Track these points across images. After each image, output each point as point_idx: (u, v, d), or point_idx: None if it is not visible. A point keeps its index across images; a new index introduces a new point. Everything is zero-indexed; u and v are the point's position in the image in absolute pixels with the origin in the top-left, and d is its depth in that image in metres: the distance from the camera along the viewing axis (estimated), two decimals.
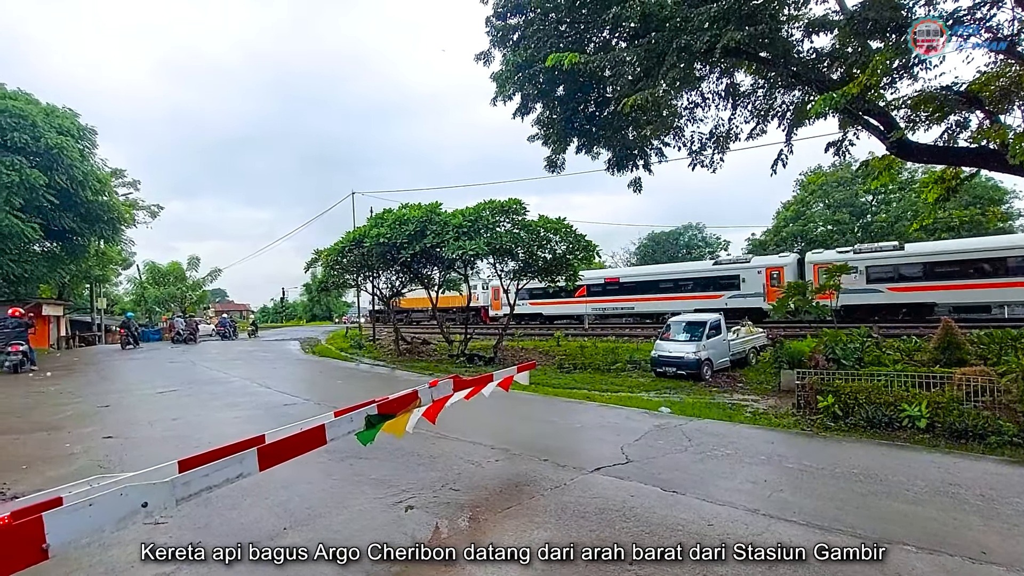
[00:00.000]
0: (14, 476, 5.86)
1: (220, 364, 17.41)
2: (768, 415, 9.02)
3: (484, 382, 5.21)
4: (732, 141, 11.95)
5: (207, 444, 5.05)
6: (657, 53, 9.32)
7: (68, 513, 2.19)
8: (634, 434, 7.11)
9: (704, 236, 56.87)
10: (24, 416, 9.30)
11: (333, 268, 20.85)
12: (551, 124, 12.57)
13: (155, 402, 10.56)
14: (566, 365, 15.85)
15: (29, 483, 5.52)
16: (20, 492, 5.10)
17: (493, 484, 5.19)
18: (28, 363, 16.47)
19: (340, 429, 3.53)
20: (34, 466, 6.26)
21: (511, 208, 16.37)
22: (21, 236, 21.58)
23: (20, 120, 21.22)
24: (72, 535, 2.17)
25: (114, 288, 52.69)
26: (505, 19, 11.72)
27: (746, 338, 15.50)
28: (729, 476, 5.38)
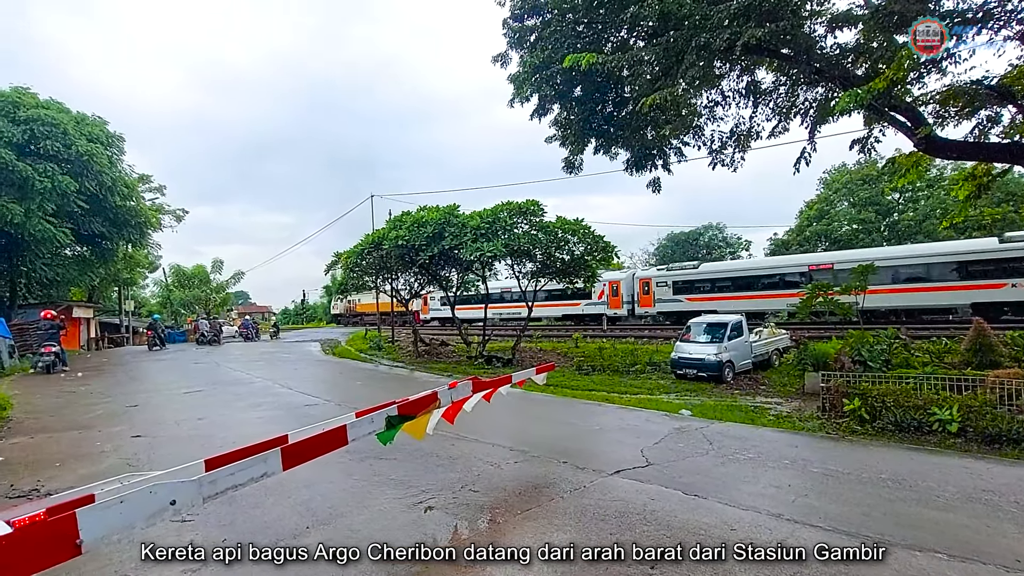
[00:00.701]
0: (48, 473, 6.04)
1: (243, 365, 17.73)
2: (792, 418, 8.86)
3: (503, 384, 5.21)
4: (753, 139, 11.79)
5: (231, 443, 5.14)
6: (676, 52, 9.24)
7: (100, 510, 2.24)
8: (654, 437, 7.04)
9: (725, 236, 56.05)
10: (57, 415, 9.58)
11: (352, 270, 21.06)
12: (569, 125, 12.54)
13: (181, 402, 10.80)
14: (585, 367, 15.76)
15: (62, 480, 5.69)
16: (54, 489, 5.26)
17: (512, 486, 5.19)
18: (60, 364, 16.98)
19: (361, 430, 3.56)
20: (67, 464, 6.45)
21: (529, 209, 16.35)
22: (53, 241, 22.26)
23: (52, 128, 21.90)
24: (104, 531, 2.22)
25: (141, 291, 54.05)
26: (522, 20, 11.74)
27: (769, 340, 15.24)
28: (752, 480, 5.30)
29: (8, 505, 4.89)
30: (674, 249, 56.21)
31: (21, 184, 20.67)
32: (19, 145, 21.15)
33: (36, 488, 5.51)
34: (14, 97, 22.36)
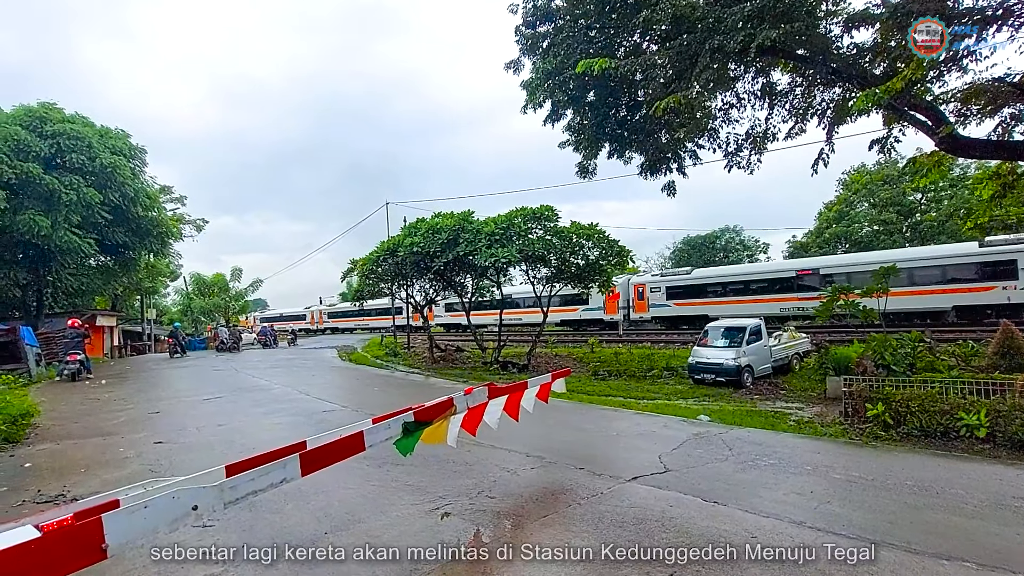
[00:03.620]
0: (74, 479, 6.17)
1: (262, 372, 17.95)
2: (813, 424, 8.70)
3: (519, 389, 5.21)
4: (769, 141, 11.68)
5: (251, 449, 5.20)
6: (689, 55, 9.20)
7: (125, 515, 2.29)
8: (672, 443, 6.97)
9: (742, 239, 55.42)
10: (81, 422, 9.79)
11: (368, 277, 21.25)
12: (582, 130, 12.54)
13: (202, 408, 10.96)
14: (601, 372, 15.68)
15: (87, 486, 5.80)
16: (79, 494, 5.37)
17: (529, 492, 5.17)
18: (85, 371, 17.34)
19: (378, 436, 3.58)
20: (91, 469, 6.58)
21: (543, 215, 16.37)
22: (79, 251, 22.83)
23: (77, 142, 22.52)
24: (129, 536, 2.27)
25: (163, 299, 55.15)
26: (534, 27, 11.80)
27: (789, 344, 15.02)
28: (773, 487, 5.21)
29: (36, 510, 5.00)
30: (690, 252, 55.71)
31: (48, 196, 21.27)
32: (46, 159, 21.78)
33: (62, 493, 5.63)
34: (41, 112, 23.06)
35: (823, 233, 44.38)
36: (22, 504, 5.37)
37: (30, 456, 7.33)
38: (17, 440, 8.23)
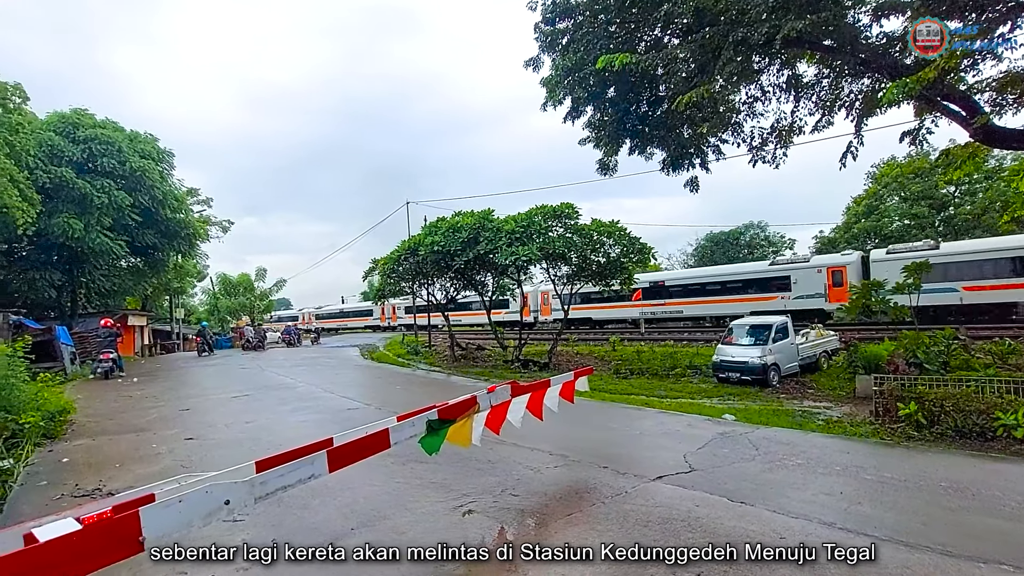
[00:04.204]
0: (109, 474, 6.36)
1: (286, 370, 18.26)
2: (843, 423, 8.50)
3: (542, 387, 5.19)
4: (795, 135, 11.44)
5: (278, 446, 5.29)
6: (712, 48, 9.06)
7: (161, 509, 2.34)
8: (697, 442, 6.88)
9: (767, 235, 54.34)
10: (115, 419, 10.09)
11: (389, 276, 21.44)
12: (602, 126, 12.45)
13: (229, 406, 11.20)
14: (623, 370, 15.57)
15: (122, 481, 5.97)
16: (115, 489, 5.53)
17: (552, 490, 5.16)
18: (117, 369, 17.87)
19: (403, 433, 3.60)
20: (126, 465, 6.77)
21: (563, 212, 16.31)
22: (110, 253, 23.54)
23: (108, 146, 23.20)
24: (164, 529, 2.32)
25: (190, 299, 56.41)
26: (554, 24, 11.73)
27: (816, 341, 14.71)
28: (801, 487, 5.10)
29: (74, 504, 5.17)
30: (713, 249, 54.91)
31: (81, 200, 21.96)
32: (78, 163, 22.49)
33: (99, 488, 5.81)
34: (73, 118, 23.81)
35: (851, 228, 43.27)
36: (61, 498, 5.55)
37: (67, 452, 7.58)
38: (55, 436, 8.52)
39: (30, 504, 5.41)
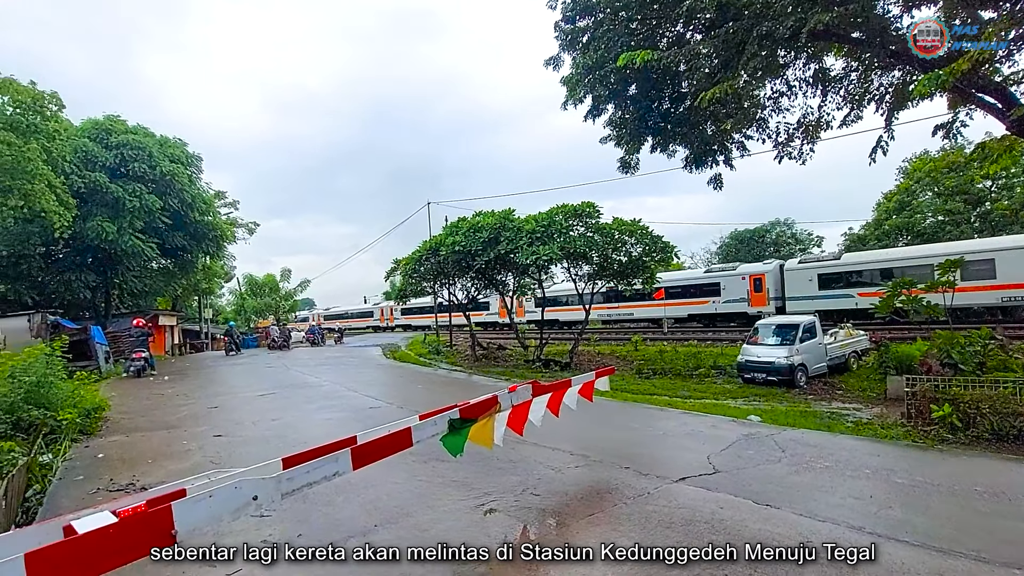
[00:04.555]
0: (142, 469, 6.56)
1: (311, 369, 18.56)
2: (873, 425, 8.28)
3: (563, 387, 5.18)
4: (823, 130, 11.20)
5: (303, 443, 5.38)
6: (735, 43, 8.92)
7: (192, 503, 2.41)
8: (721, 443, 6.78)
9: (794, 232, 53.18)
10: (147, 416, 10.39)
11: (411, 276, 21.59)
12: (624, 124, 12.36)
13: (256, 404, 11.43)
14: (645, 370, 15.42)
15: (154, 476, 6.15)
16: (148, 483, 5.71)
17: (574, 490, 5.14)
18: (149, 368, 18.41)
19: (425, 432, 3.64)
20: (158, 460, 6.97)
21: (584, 212, 16.22)
22: (142, 255, 24.26)
23: (139, 151, 23.91)
24: (195, 523, 2.39)
25: (218, 299, 57.76)
26: (574, 22, 11.69)
27: (845, 341, 14.34)
28: (829, 490, 4.98)
29: (109, 497, 5.34)
30: (738, 247, 53.99)
31: (113, 204, 22.69)
32: (111, 168, 23.23)
33: (132, 483, 5.99)
34: (106, 125, 24.60)
35: (882, 225, 42.08)
36: (96, 492, 5.74)
37: (102, 447, 7.84)
38: (91, 432, 8.81)
39: (68, 498, 5.61)
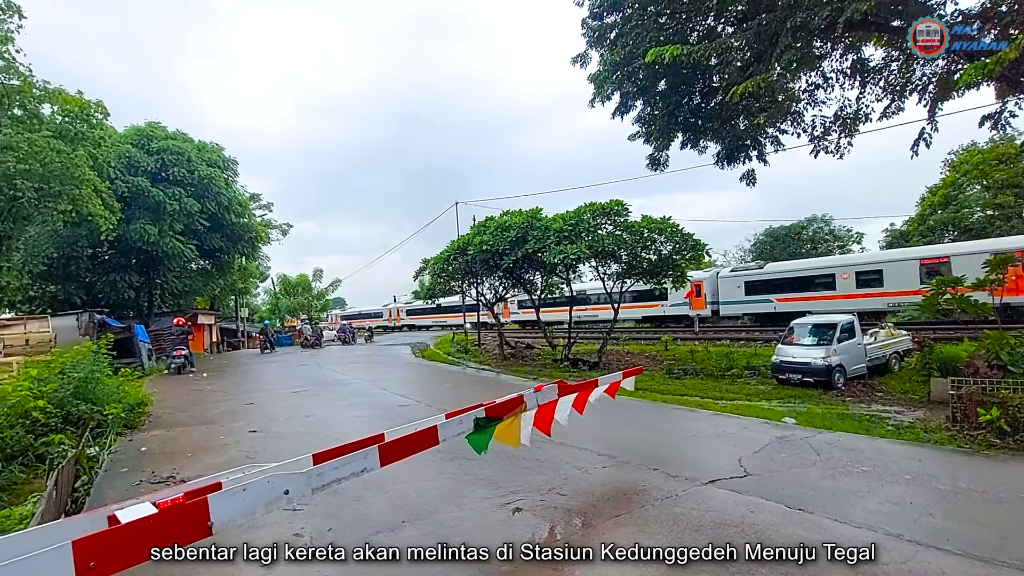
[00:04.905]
0: (182, 463, 6.80)
1: (342, 367, 18.92)
2: (915, 429, 7.97)
3: (589, 387, 5.14)
4: (862, 123, 10.81)
5: (334, 440, 5.48)
6: (768, 35, 8.70)
7: (227, 496, 2.49)
8: (753, 445, 6.62)
9: (832, 229, 51.28)
10: (187, 411, 10.77)
11: (439, 276, 21.78)
12: (653, 120, 12.20)
13: (290, 401, 11.72)
14: (675, 370, 15.20)
15: (193, 469, 6.37)
16: (187, 476, 5.91)
17: (600, 491, 5.10)
18: (188, 365, 19.07)
19: (451, 430, 3.67)
20: (196, 455, 7.22)
21: (612, 210, 16.08)
22: (182, 256, 25.18)
23: (178, 156, 24.81)
24: (230, 515, 2.47)
25: (253, 299, 59.34)
26: (601, 19, 11.59)
27: (886, 341, 13.82)
28: (866, 496, 4.81)
29: (151, 489, 5.56)
30: (773, 244, 52.45)
31: (155, 207, 23.60)
32: (152, 173, 24.16)
33: (173, 475, 6.22)
34: (148, 131, 25.60)
35: (926, 220, 40.36)
36: (139, 484, 5.99)
37: (145, 441, 8.16)
38: (135, 426, 9.19)
39: (113, 489, 5.87)
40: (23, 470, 6.23)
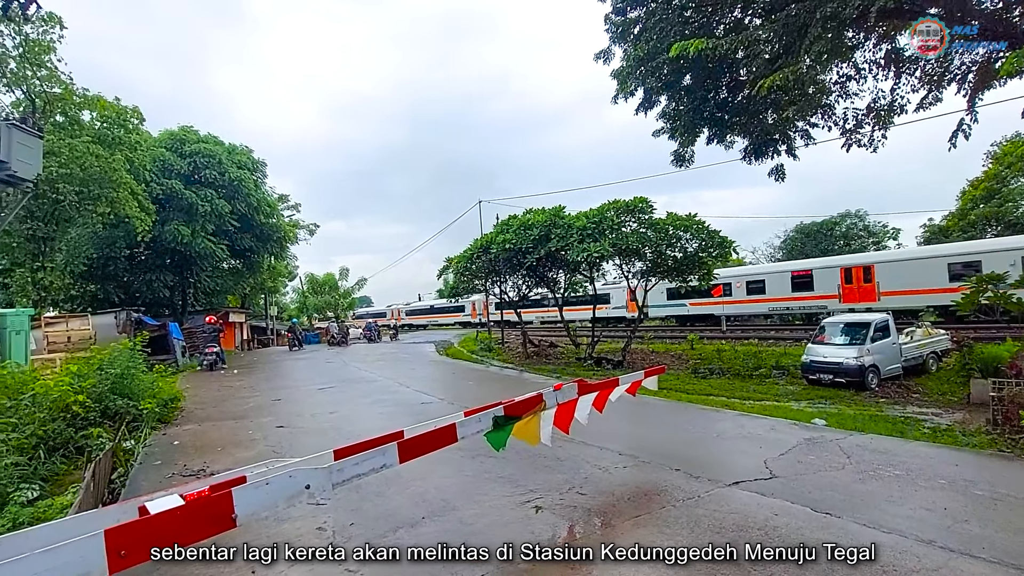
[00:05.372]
0: (212, 456, 7.00)
1: (367, 365, 19.19)
2: (953, 432, 7.68)
3: (610, 386, 5.09)
4: (896, 115, 10.44)
5: (357, 436, 5.55)
6: (798, 26, 8.47)
7: (251, 490, 2.55)
8: (780, 447, 6.47)
9: (866, 225, 49.56)
10: (218, 407, 11.08)
11: (463, 274, 21.90)
12: (677, 116, 12.02)
13: (316, 397, 11.95)
14: (701, 370, 14.96)
15: (223, 463, 6.55)
16: (216, 470, 6.08)
17: (621, 491, 5.06)
18: (220, 362, 19.61)
19: (470, 428, 3.68)
20: (226, 449, 7.42)
21: (637, 207, 15.91)
22: (214, 256, 25.90)
23: (210, 159, 25.53)
24: (254, 508, 2.53)
25: (282, 297, 60.62)
26: (625, 14, 11.47)
27: (922, 341, 13.34)
28: (898, 501, 4.65)
29: (182, 481, 5.74)
30: (804, 241, 51.07)
31: (188, 208, 24.33)
32: (185, 176, 24.92)
33: (203, 468, 6.41)
34: (180, 135, 26.42)
35: (967, 215, 38.77)
36: (172, 476, 6.19)
37: (178, 435, 8.43)
38: (168, 421, 9.50)
39: (147, 481, 6.07)
40: (64, 461, 6.49)
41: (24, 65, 16.13)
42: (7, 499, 4.84)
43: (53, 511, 4.69)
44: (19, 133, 9.78)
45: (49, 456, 6.33)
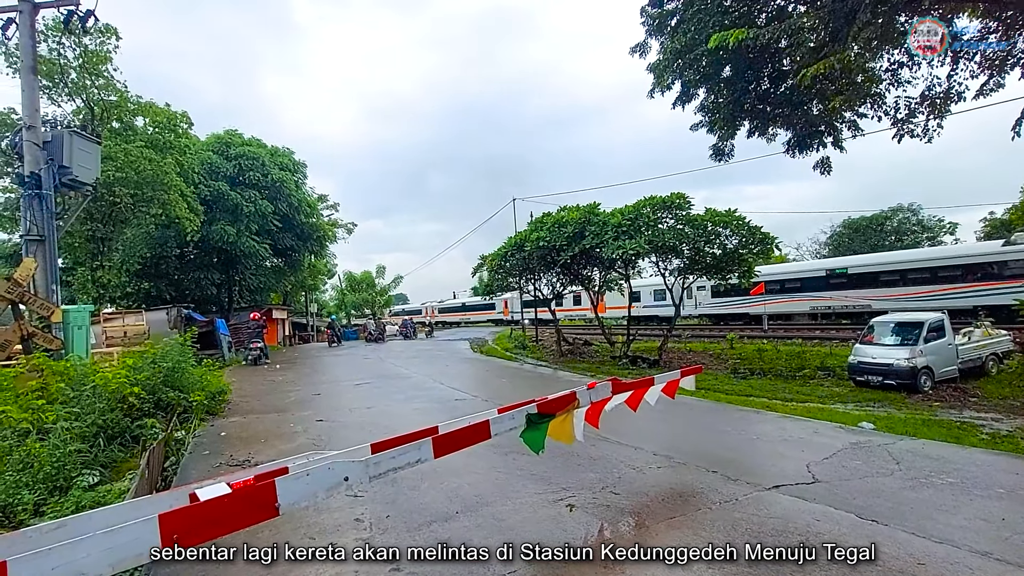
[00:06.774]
0: (256, 448, 7.27)
1: (403, 361, 19.52)
2: (1014, 438, 7.25)
3: (645, 385, 5.03)
4: (954, 102, 9.88)
5: (393, 431, 5.66)
6: (845, 12, 8.13)
7: (292, 480, 2.65)
8: (824, 451, 6.25)
9: (920, 219, 47.01)
10: (262, 400, 11.49)
11: (497, 272, 21.97)
12: (716, 109, 11.73)
13: (354, 392, 12.25)
14: (741, 370, 14.58)
15: (266, 454, 6.80)
16: (260, 460, 6.31)
17: (655, 491, 4.99)
18: (264, 357, 20.31)
19: (503, 425, 3.71)
20: (269, 441, 7.70)
21: (673, 203, 15.60)
22: (258, 255, 26.85)
23: (254, 161, 26.46)
24: (295, 498, 2.63)
25: (322, 295, 62.23)
26: (661, 5, 11.26)
27: (982, 342, 12.59)
28: (951, 510, 4.42)
29: (228, 471, 5.98)
30: (852, 237, 48.93)
31: (233, 209, 25.27)
32: (231, 177, 25.90)
33: (248, 459, 6.67)
34: (226, 138, 27.47)
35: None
36: (219, 466, 6.46)
37: (225, 427, 8.79)
38: (216, 413, 9.92)
39: (197, 469, 6.36)
40: (121, 449, 6.86)
41: (83, 75, 17.09)
42: (71, 483, 5.15)
43: (112, 496, 4.96)
44: (80, 140, 10.38)
45: (108, 444, 6.69)
